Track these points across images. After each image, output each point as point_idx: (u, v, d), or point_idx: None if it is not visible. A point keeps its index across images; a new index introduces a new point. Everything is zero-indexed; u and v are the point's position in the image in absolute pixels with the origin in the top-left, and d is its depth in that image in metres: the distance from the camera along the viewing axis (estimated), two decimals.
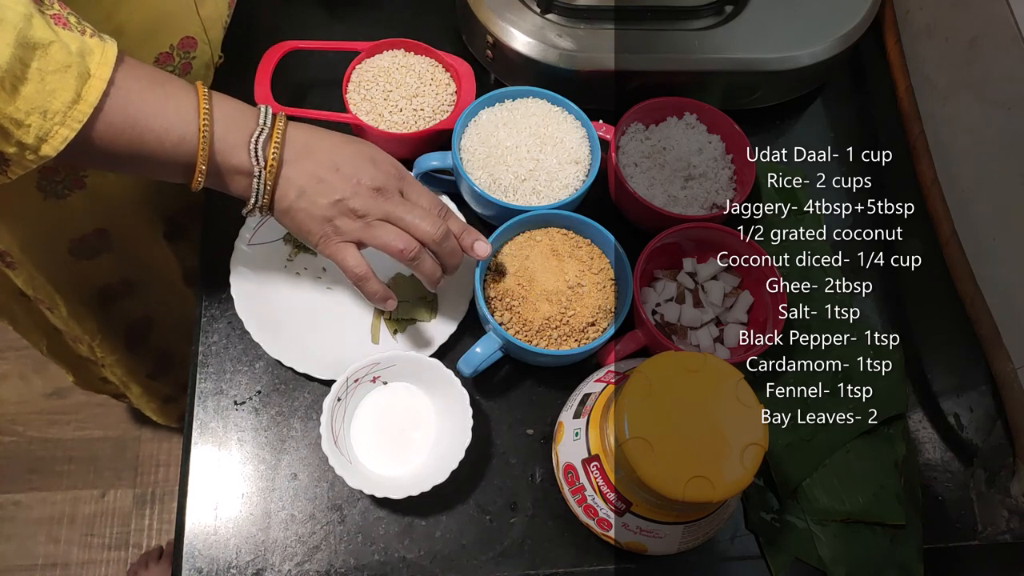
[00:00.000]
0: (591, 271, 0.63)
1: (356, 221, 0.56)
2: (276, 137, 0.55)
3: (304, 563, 0.60)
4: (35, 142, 0.46)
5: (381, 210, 0.57)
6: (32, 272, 0.78)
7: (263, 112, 0.55)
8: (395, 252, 0.56)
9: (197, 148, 0.53)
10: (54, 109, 0.46)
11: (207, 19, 0.68)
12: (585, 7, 0.74)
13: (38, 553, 1.34)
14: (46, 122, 0.46)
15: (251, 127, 0.55)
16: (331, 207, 0.56)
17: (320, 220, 0.56)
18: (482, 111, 0.70)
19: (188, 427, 0.64)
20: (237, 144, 0.54)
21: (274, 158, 0.55)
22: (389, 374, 0.63)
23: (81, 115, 0.47)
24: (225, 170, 0.55)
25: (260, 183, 0.55)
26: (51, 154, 0.47)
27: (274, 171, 0.55)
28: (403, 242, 0.56)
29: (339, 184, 0.56)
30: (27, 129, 0.46)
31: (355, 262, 0.57)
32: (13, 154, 0.47)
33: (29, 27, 0.45)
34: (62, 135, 0.47)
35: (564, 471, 0.57)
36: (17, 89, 0.45)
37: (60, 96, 0.46)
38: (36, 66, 0.45)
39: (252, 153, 0.54)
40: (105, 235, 0.78)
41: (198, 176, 0.53)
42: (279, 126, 0.55)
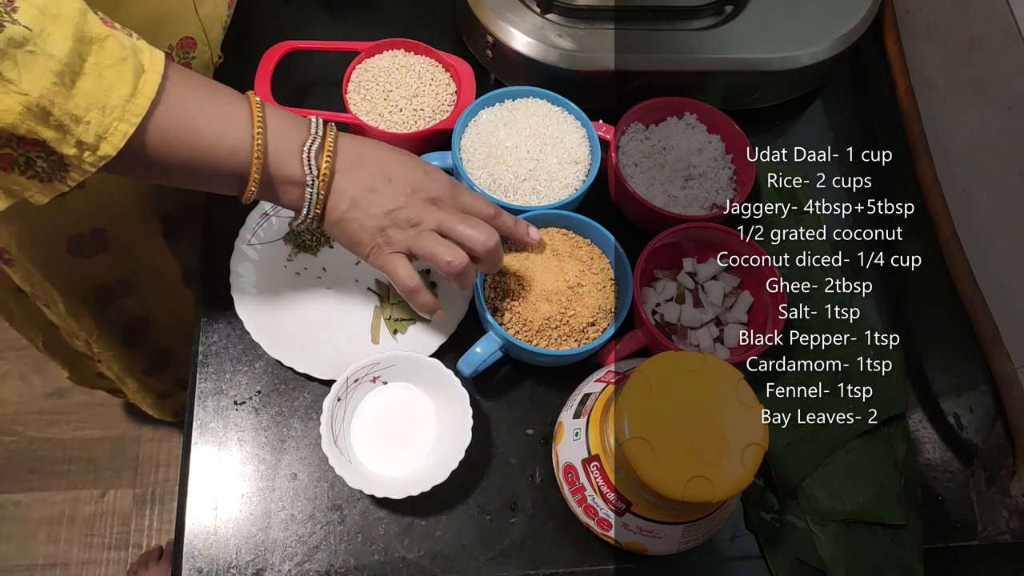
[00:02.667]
0: (591, 271, 0.63)
1: (408, 231, 0.56)
2: (328, 146, 0.54)
3: (304, 563, 0.60)
4: (95, 140, 0.45)
5: (434, 219, 0.56)
6: (29, 269, 0.78)
7: (314, 122, 0.55)
8: (442, 264, 0.55)
9: (251, 157, 0.52)
10: (112, 104, 0.45)
11: (206, 19, 0.68)
12: (585, 7, 0.74)
13: (38, 553, 1.34)
14: (105, 118, 0.45)
15: (303, 136, 0.54)
16: (384, 217, 0.55)
17: (372, 231, 0.55)
18: (482, 111, 0.70)
19: (188, 427, 0.64)
20: (290, 153, 0.53)
21: (327, 167, 0.54)
22: (389, 374, 0.63)
23: (140, 108, 0.46)
24: (278, 180, 0.54)
25: (313, 192, 0.54)
26: (111, 153, 0.46)
27: (327, 180, 0.54)
28: (451, 254, 0.55)
29: (392, 194, 0.55)
30: (87, 126, 0.45)
31: (407, 274, 0.56)
32: (73, 156, 0.46)
33: (85, 22, 0.44)
34: (122, 131, 0.46)
35: (564, 471, 0.57)
36: (76, 84, 0.44)
37: (118, 90, 0.45)
38: (93, 60, 0.45)
39: (305, 162, 0.53)
40: (103, 234, 0.78)
41: (251, 186, 0.53)
42: (330, 135, 0.55)
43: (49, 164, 0.46)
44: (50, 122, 0.44)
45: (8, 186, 0.47)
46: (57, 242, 0.76)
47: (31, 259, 0.77)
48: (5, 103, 0.42)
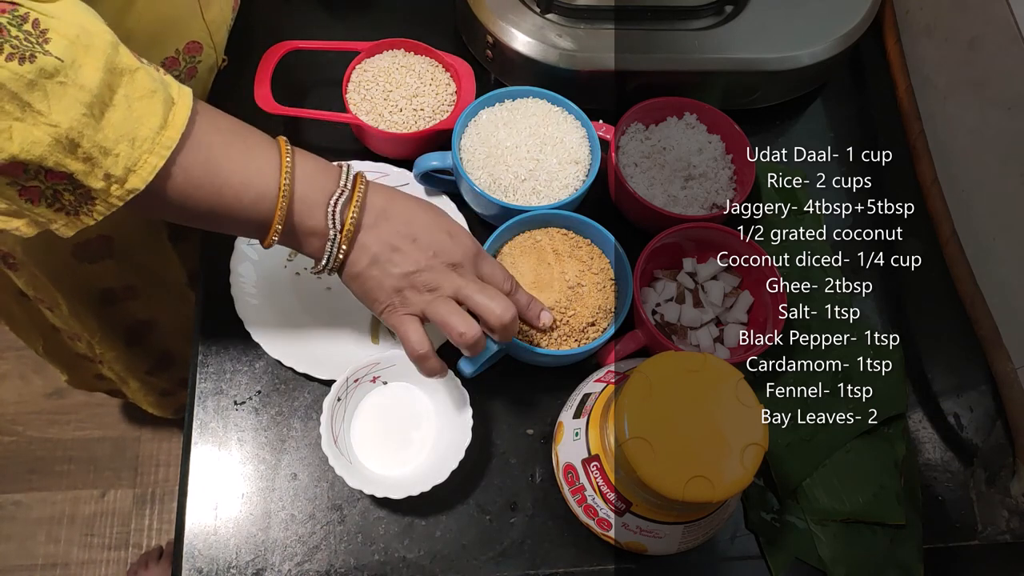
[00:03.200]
0: (591, 271, 0.63)
1: (424, 295, 0.54)
2: (356, 200, 0.53)
3: (304, 563, 0.60)
4: (123, 172, 0.45)
5: (452, 286, 0.55)
6: (34, 273, 0.78)
7: (345, 173, 0.54)
8: (454, 335, 0.54)
9: (275, 207, 0.51)
10: (142, 136, 0.45)
11: (212, 23, 0.68)
12: (585, 7, 0.74)
13: (38, 553, 1.34)
14: (134, 150, 0.45)
15: (331, 188, 0.53)
16: (403, 278, 0.54)
17: (389, 290, 0.54)
18: (482, 111, 0.70)
19: (188, 427, 0.64)
20: (316, 204, 0.52)
21: (352, 223, 0.52)
22: (389, 374, 0.63)
23: (170, 141, 0.46)
24: (300, 231, 0.53)
25: (334, 246, 0.53)
26: (139, 186, 0.45)
27: (350, 236, 0.53)
28: (464, 326, 0.53)
29: (414, 255, 0.54)
30: (115, 158, 0.44)
31: (417, 338, 0.55)
32: (100, 189, 0.45)
33: (116, 54, 0.44)
34: (151, 164, 0.45)
35: (564, 471, 0.57)
36: (105, 115, 0.44)
37: (148, 122, 0.45)
38: (123, 92, 0.44)
39: (329, 216, 0.52)
40: (109, 241, 0.78)
41: (272, 235, 0.52)
42: (360, 188, 0.53)
43: (76, 197, 0.45)
44: (79, 154, 0.43)
45: (35, 218, 0.46)
46: (63, 248, 0.76)
47: (37, 264, 0.77)
48: (34, 135, 0.42)
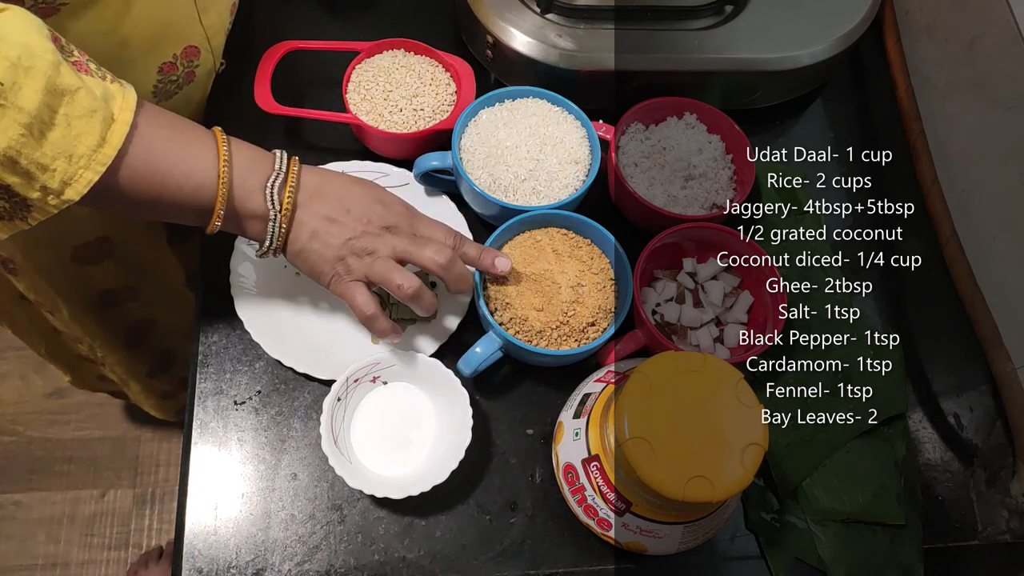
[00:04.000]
0: (591, 271, 0.63)
1: (364, 259, 0.57)
2: (291, 181, 0.56)
3: (304, 563, 0.60)
4: (59, 186, 0.46)
5: (388, 247, 0.57)
6: (35, 277, 0.78)
7: (279, 157, 0.56)
8: (393, 287, 0.57)
9: (216, 194, 0.53)
10: (79, 153, 0.46)
11: (210, 28, 0.68)
12: (585, 7, 0.74)
13: (38, 553, 1.34)
14: (71, 166, 0.46)
15: (267, 172, 0.56)
16: (342, 247, 0.57)
17: (331, 260, 0.57)
18: (482, 111, 0.70)
19: (188, 427, 0.63)
20: (254, 189, 0.55)
21: (289, 201, 0.56)
22: (389, 374, 0.63)
23: (105, 158, 0.47)
24: (242, 215, 0.56)
25: (275, 226, 0.56)
26: (74, 198, 0.47)
27: (289, 214, 0.56)
28: (401, 278, 0.57)
29: (350, 224, 0.57)
30: (52, 173, 0.46)
31: (363, 301, 0.58)
32: (36, 199, 0.47)
33: (57, 74, 0.45)
34: (86, 178, 0.47)
35: (564, 471, 0.57)
36: (44, 135, 0.45)
37: (85, 140, 0.46)
38: (63, 112, 0.45)
39: (268, 197, 0.55)
40: (108, 242, 0.78)
41: (215, 220, 0.54)
42: (293, 170, 0.56)
43: (11, 205, 0.47)
44: (16, 170, 0.45)
45: None
46: (63, 251, 0.76)
47: (37, 268, 0.77)
48: None
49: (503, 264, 0.61)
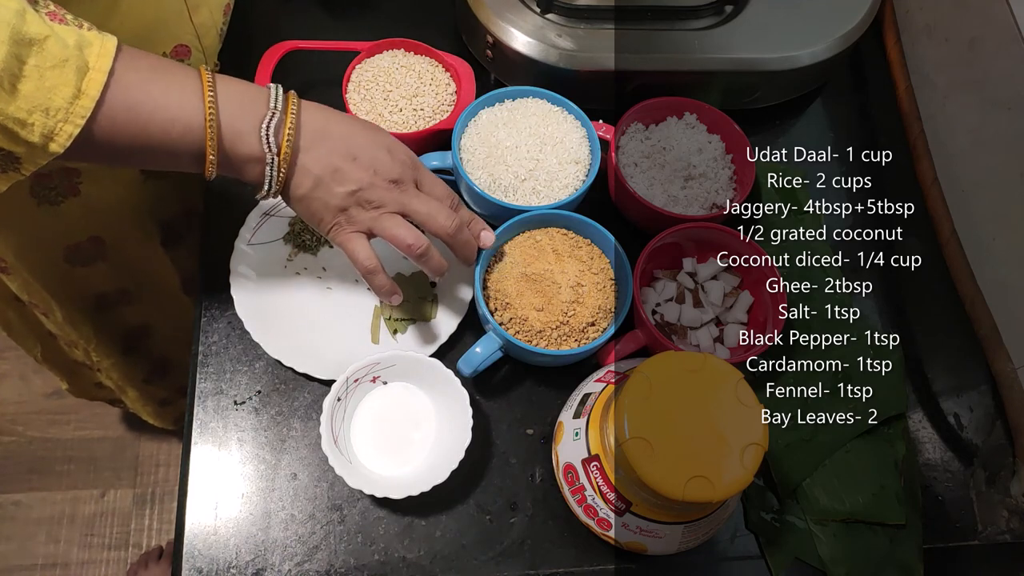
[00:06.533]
0: (591, 271, 0.63)
1: (370, 211, 0.56)
2: (290, 122, 0.53)
3: (304, 563, 0.60)
4: (41, 140, 0.45)
5: (396, 202, 0.56)
6: (27, 278, 0.78)
7: (273, 94, 0.53)
8: (404, 247, 0.56)
9: (204, 138, 0.50)
10: (56, 106, 0.45)
11: (201, 27, 0.68)
12: (585, 7, 0.74)
13: (38, 553, 1.34)
14: (49, 120, 0.45)
15: (261, 112, 0.52)
16: (347, 197, 0.55)
17: (334, 210, 0.55)
18: (482, 111, 0.70)
19: (188, 427, 0.63)
20: (246, 131, 0.52)
21: (288, 144, 0.52)
22: (389, 374, 0.63)
23: (84, 110, 0.46)
24: (236, 159, 0.53)
25: (273, 170, 0.53)
26: (59, 151, 0.46)
27: (288, 158, 0.53)
28: (412, 237, 0.56)
29: (356, 174, 0.55)
30: (31, 128, 0.44)
31: (365, 254, 0.57)
32: (22, 153, 0.46)
33: (23, 23, 0.43)
34: (67, 132, 0.46)
35: (564, 471, 0.57)
36: (16, 88, 0.43)
37: (60, 92, 0.45)
38: (33, 63, 0.44)
39: (264, 140, 0.52)
40: (100, 243, 0.78)
41: (209, 166, 0.52)
42: (292, 109, 0.53)
43: (1, 157, 0.46)
44: None
45: None
46: (55, 251, 0.76)
47: (29, 268, 0.76)
48: None
49: (487, 238, 0.61)
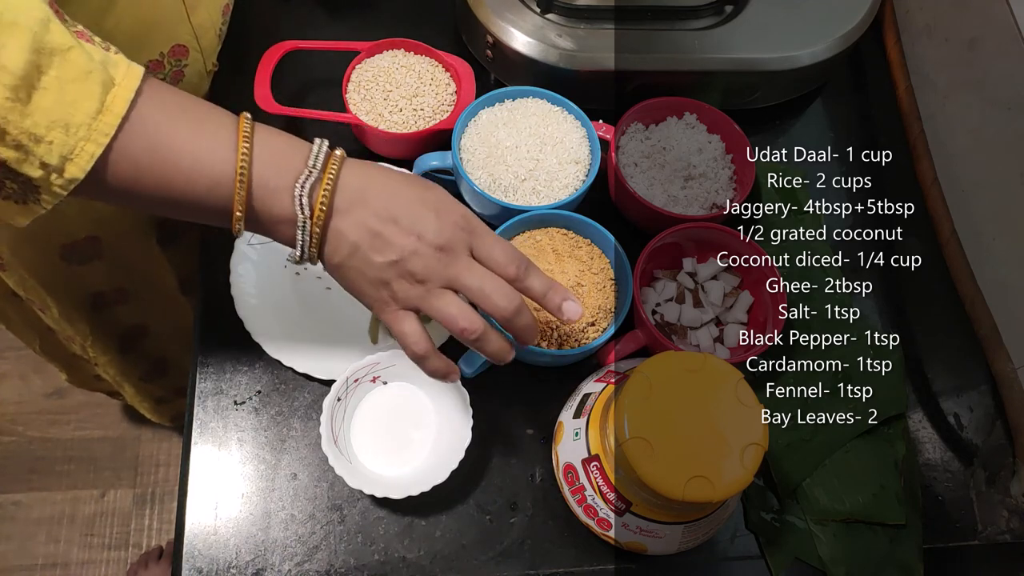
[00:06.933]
0: (591, 271, 0.63)
1: (416, 287, 0.48)
2: (327, 182, 0.47)
3: (304, 563, 0.60)
4: (59, 161, 0.41)
5: (444, 276, 0.48)
6: (23, 275, 0.78)
7: (315, 150, 0.48)
8: (456, 331, 0.49)
9: (233, 194, 0.46)
10: (77, 122, 0.41)
11: (199, 27, 0.68)
12: (585, 7, 0.74)
13: (38, 553, 1.34)
14: (69, 137, 0.41)
15: (298, 168, 0.47)
16: (387, 268, 0.48)
17: (375, 283, 0.49)
18: (482, 111, 0.70)
19: (188, 427, 0.64)
20: (280, 189, 0.46)
21: (322, 207, 0.47)
22: (389, 374, 0.63)
23: (108, 128, 0.42)
24: (266, 218, 0.47)
25: (305, 234, 0.47)
26: (78, 176, 0.42)
27: (322, 221, 0.47)
28: (466, 319, 0.48)
29: (397, 240, 0.48)
30: (49, 146, 0.40)
31: (415, 338, 0.50)
32: (40, 178, 0.41)
33: (46, 32, 0.40)
34: (88, 151, 0.41)
35: (564, 471, 0.57)
36: (33, 100, 0.40)
37: (82, 107, 0.41)
38: (54, 74, 0.40)
39: (296, 200, 0.46)
40: (97, 242, 0.78)
41: (236, 223, 0.47)
42: (332, 167, 0.47)
43: (19, 185, 0.42)
44: (7, 141, 0.40)
45: None
46: (51, 249, 0.76)
47: (24, 265, 0.76)
48: None
49: (573, 310, 0.51)
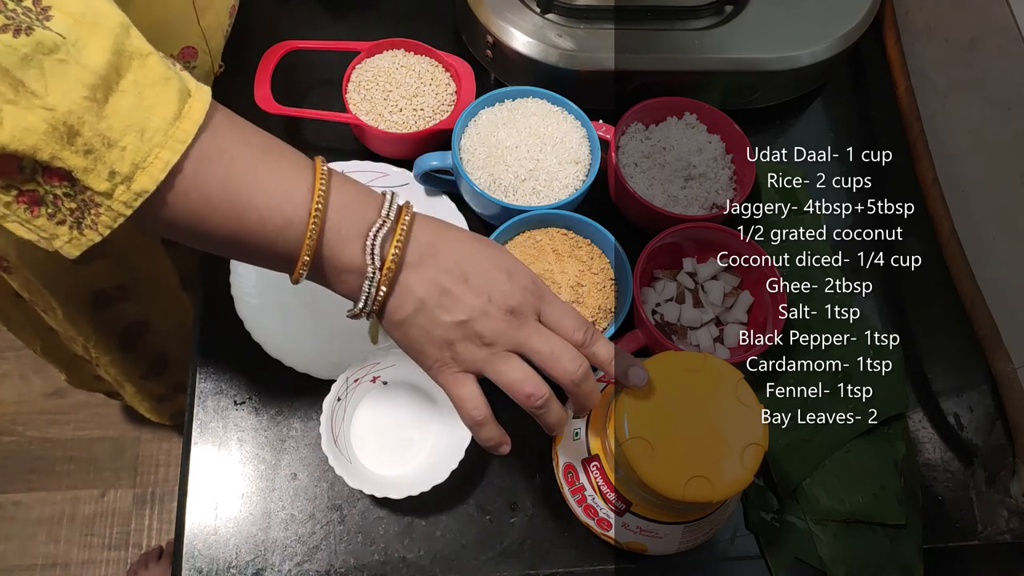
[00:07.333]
0: (591, 271, 0.63)
1: (481, 349, 0.47)
2: (400, 233, 0.45)
3: (304, 563, 0.60)
4: (130, 169, 0.39)
5: (513, 339, 0.47)
6: (28, 276, 0.78)
7: (388, 201, 0.46)
8: (521, 397, 0.47)
9: (304, 236, 0.44)
10: (153, 127, 0.39)
11: (208, 29, 0.68)
12: (585, 7, 0.74)
13: (38, 553, 1.34)
14: (143, 143, 0.39)
15: (371, 218, 0.45)
16: (454, 328, 0.46)
17: (439, 343, 0.47)
18: (482, 111, 0.70)
19: (188, 427, 0.64)
20: (352, 236, 0.45)
21: (394, 259, 0.45)
22: (389, 374, 0.63)
23: (185, 135, 0.40)
24: (332, 266, 0.46)
25: (372, 287, 0.45)
26: (149, 187, 0.39)
27: (391, 274, 0.45)
28: (532, 385, 0.47)
29: (467, 299, 0.46)
30: (121, 152, 0.39)
31: (474, 404, 0.48)
32: (103, 192, 0.39)
33: (127, 36, 0.39)
34: (163, 159, 0.39)
35: (564, 471, 0.57)
36: (110, 102, 0.38)
37: (160, 112, 0.39)
38: (132, 78, 0.39)
39: (368, 250, 0.45)
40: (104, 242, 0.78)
41: (300, 268, 0.45)
42: (404, 219, 0.46)
43: (77, 204, 0.40)
44: (78, 145, 0.38)
45: (38, 232, 0.42)
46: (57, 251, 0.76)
47: (30, 268, 0.76)
48: (28, 120, 0.36)
49: (640, 377, 0.50)
